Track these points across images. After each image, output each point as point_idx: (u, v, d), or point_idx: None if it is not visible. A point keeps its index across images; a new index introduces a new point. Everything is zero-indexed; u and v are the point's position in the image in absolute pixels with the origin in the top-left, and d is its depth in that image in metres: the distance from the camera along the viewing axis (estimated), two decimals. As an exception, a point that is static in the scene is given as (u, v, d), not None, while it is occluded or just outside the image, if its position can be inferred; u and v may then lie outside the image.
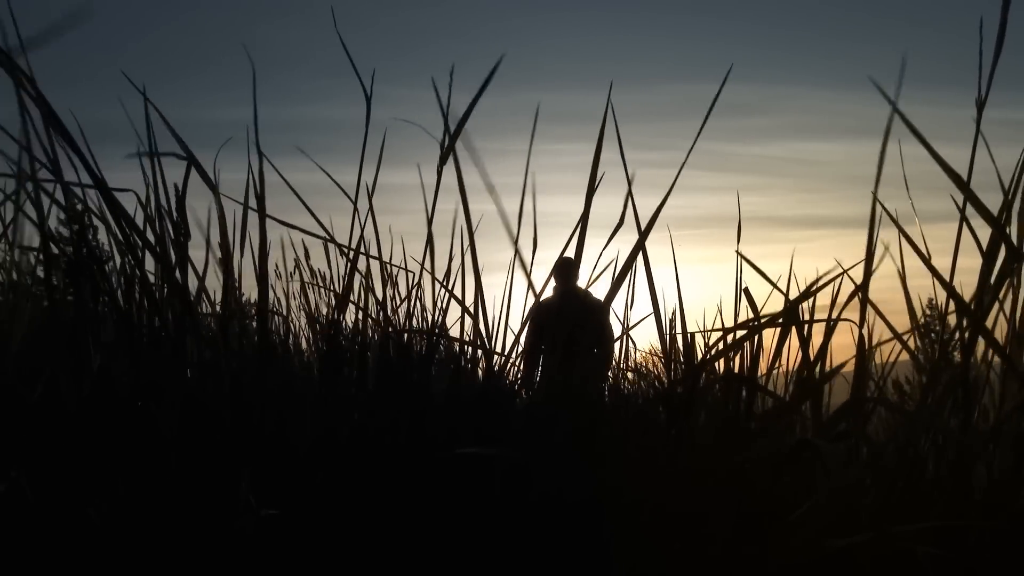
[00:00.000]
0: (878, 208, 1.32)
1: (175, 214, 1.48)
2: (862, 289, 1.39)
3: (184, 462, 1.17)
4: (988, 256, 1.26)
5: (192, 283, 1.50)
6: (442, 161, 1.61)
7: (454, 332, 2.13)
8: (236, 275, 1.53)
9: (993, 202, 1.25)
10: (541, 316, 4.27)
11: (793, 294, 1.58)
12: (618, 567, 1.13)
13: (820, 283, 1.50)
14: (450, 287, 1.98)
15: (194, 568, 1.10)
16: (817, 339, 1.65)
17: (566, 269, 4.44)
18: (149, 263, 1.40)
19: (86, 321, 1.25)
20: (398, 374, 1.67)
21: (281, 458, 1.30)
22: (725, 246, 1.73)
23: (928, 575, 1.16)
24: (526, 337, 4.32)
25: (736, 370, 1.62)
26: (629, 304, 2.73)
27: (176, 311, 1.39)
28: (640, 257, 1.39)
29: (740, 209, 1.80)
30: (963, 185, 1.23)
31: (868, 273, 1.38)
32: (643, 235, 1.31)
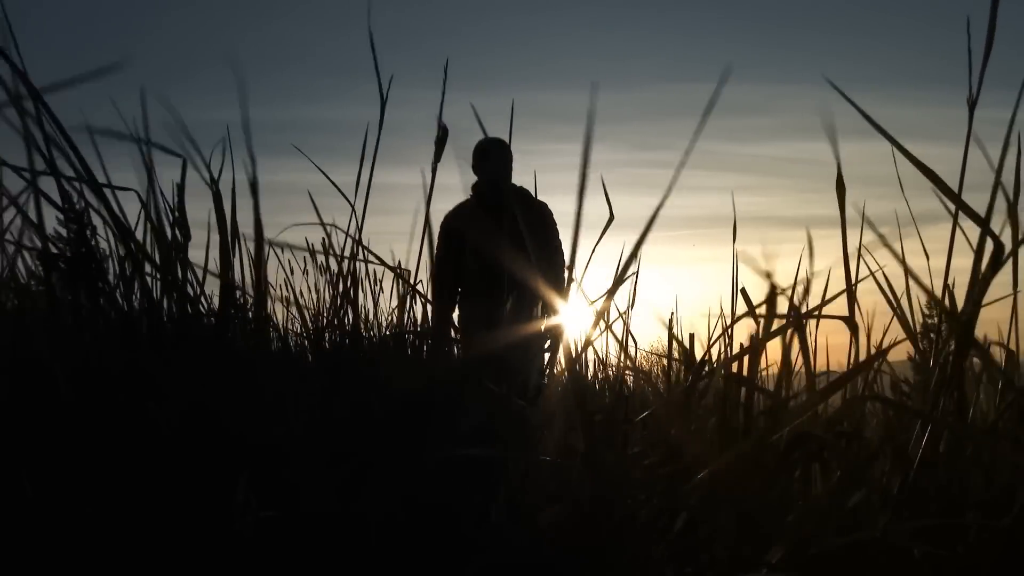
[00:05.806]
0: (848, 210, 1.32)
1: (175, 213, 1.48)
2: (848, 293, 1.40)
3: (182, 462, 1.17)
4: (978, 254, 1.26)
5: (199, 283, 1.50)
6: (436, 159, 1.62)
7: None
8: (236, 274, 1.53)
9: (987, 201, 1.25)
10: (458, 229, 2.85)
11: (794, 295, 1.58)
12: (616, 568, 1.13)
13: (814, 285, 1.51)
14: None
15: (193, 569, 1.10)
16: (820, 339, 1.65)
17: (500, 151, 2.81)
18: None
19: (83, 319, 1.25)
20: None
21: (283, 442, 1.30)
22: (725, 246, 1.73)
23: (928, 575, 1.16)
24: (436, 260, 2.75)
25: (735, 370, 1.62)
26: (631, 305, 2.70)
27: (175, 311, 1.39)
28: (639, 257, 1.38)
29: (736, 209, 1.80)
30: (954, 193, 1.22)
31: (849, 275, 1.39)
32: (643, 234, 1.31)
